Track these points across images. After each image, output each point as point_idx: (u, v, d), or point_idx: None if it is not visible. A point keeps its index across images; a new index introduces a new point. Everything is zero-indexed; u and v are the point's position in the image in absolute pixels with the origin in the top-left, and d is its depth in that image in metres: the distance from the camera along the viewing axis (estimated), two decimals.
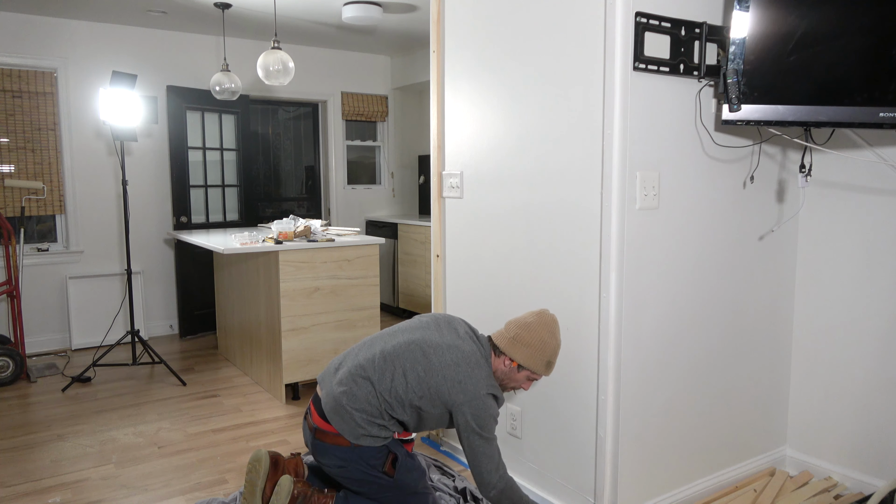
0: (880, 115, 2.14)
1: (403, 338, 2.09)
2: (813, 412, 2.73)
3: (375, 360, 2.06)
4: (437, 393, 1.98)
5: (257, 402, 3.78)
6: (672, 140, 2.26)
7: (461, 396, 1.95)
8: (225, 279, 4.58)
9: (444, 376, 1.98)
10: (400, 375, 2.01)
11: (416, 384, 2.00)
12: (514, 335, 2.07)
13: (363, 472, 2.05)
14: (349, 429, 2.01)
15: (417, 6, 4.59)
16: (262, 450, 2.24)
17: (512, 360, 2.08)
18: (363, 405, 2.02)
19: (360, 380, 2.04)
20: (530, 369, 2.08)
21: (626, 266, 2.18)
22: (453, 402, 1.96)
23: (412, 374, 2.01)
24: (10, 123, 4.75)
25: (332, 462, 2.10)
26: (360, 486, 2.14)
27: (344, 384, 2.04)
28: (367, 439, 2.02)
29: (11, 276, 4.24)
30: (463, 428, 1.97)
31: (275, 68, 4.03)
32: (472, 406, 1.95)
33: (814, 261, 2.69)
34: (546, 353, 2.07)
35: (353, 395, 2.02)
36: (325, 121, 6.33)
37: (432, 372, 2.00)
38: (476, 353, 2.06)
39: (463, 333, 2.13)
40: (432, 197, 3.04)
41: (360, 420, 2.01)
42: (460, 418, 1.97)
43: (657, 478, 2.40)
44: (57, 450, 3.14)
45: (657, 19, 2.12)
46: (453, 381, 1.97)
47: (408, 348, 2.05)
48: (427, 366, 2.01)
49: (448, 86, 2.88)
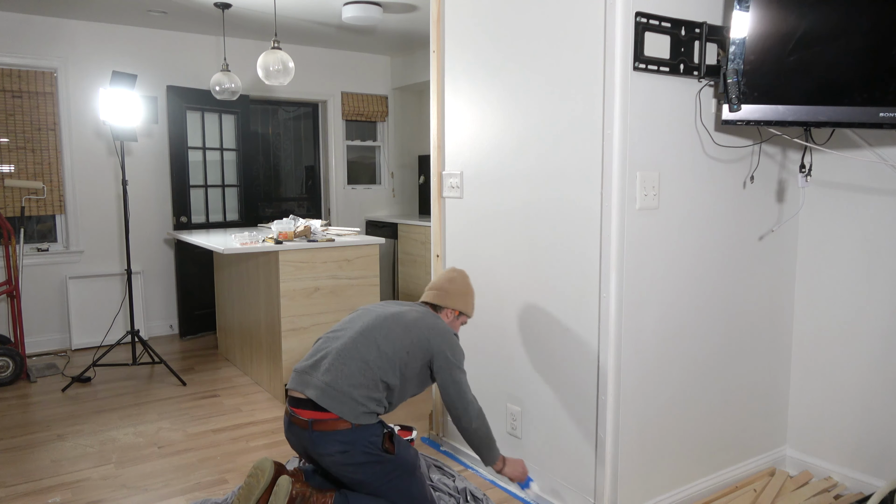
0: (880, 115, 2.14)
1: (368, 318, 2.26)
2: (813, 412, 2.73)
3: (356, 340, 2.19)
4: (419, 343, 2.20)
5: (257, 402, 3.78)
6: (672, 140, 2.26)
7: (439, 338, 2.23)
8: (225, 279, 4.58)
9: (420, 328, 2.24)
10: (384, 340, 2.18)
11: (402, 341, 2.20)
12: (446, 291, 2.40)
13: (366, 452, 2.09)
14: (349, 409, 2.08)
15: (417, 6, 4.59)
16: (268, 459, 2.18)
17: (454, 309, 2.40)
18: (359, 380, 2.12)
19: (348, 360, 2.15)
20: (466, 314, 2.44)
21: (626, 266, 2.18)
22: (434, 346, 2.21)
23: (395, 335, 2.20)
24: (10, 123, 4.75)
25: (335, 449, 2.09)
26: (363, 472, 2.11)
27: (333, 370, 2.13)
28: (366, 416, 2.11)
29: (11, 276, 4.24)
30: (446, 367, 2.21)
31: (275, 68, 4.03)
32: (448, 345, 2.23)
33: (814, 261, 2.69)
34: (472, 297, 2.46)
35: (347, 374, 2.12)
36: (325, 121, 6.33)
37: (409, 328, 2.23)
38: (427, 310, 2.36)
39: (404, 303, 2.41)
40: (432, 197, 3.04)
41: (358, 397, 2.10)
42: (442, 359, 2.21)
43: (657, 478, 2.40)
44: (57, 450, 3.14)
45: (657, 19, 2.12)
46: (429, 328, 2.24)
47: (379, 322, 2.23)
48: (404, 325, 2.23)
49: (448, 86, 2.88)
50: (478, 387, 2.84)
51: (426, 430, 3.25)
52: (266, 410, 3.65)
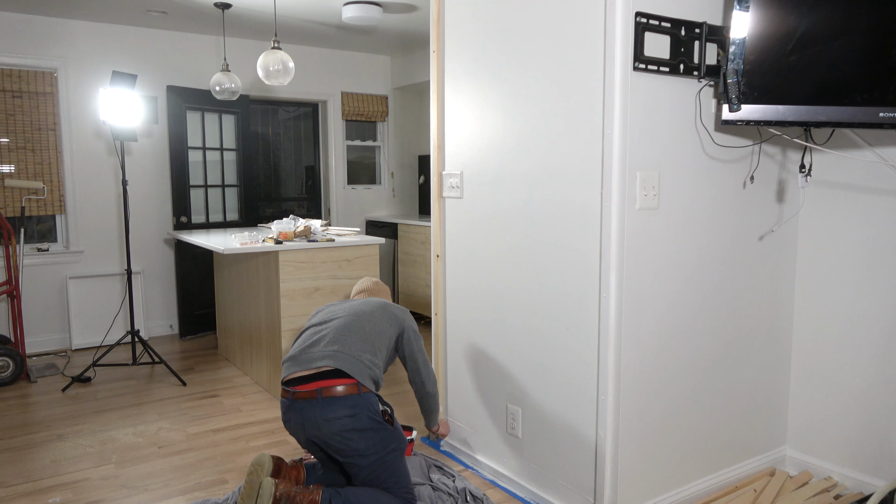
0: (880, 115, 2.14)
1: (345, 306, 2.58)
2: (813, 412, 2.73)
3: (349, 320, 2.47)
4: (394, 319, 2.59)
5: (257, 402, 3.78)
6: (672, 140, 2.26)
7: (404, 316, 2.65)
8: (225, 279, 4.58)
9: (391, 307, 2.64)
10: (369, 317, 2.51)
11: (382, 318, 2.55)
12: (376, 290, 2.91)
13: (371, 418, 2.26)
14: (359, 370, 2.31)
15: (417, 6, 4.59)
16: (266, 454, 2.24)
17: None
18: (361, 346, 2.39)
19: (348, 334, 2.41)
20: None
21: (626, 266, 2.18)
22: (404, 322, 2.62)
23: (376, 315, 2.54)
24: (10, 123, 4.75)
25: (344, 413, 2.22)
26: (366, 439, 2.23)
27: (337, 342, 2.38)
28: (371, 383, 2.32)
29: (11, 276, 4.24)
30: (414, 338, 2.63)
31: (275, 68, 4.03)
32: (409, 320, 2.66)
33: (814, 261, 2.69)
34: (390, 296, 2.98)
35: (351, 343, 2.38)
36: (325, 121, 6.33)
37: (384, 308, 2.60)
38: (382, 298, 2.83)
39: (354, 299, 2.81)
40: (432, 197, 3.04)
41: (365, 360, 2.35)
42: (410, 332, 2.62)
43: (657, 478, 2.40)
44: (57, 450, 3.14)
45: (657, 19, 2.12)
46: (397, 308, 2.66)
47: (358, 306, 2.56)
48: (380, 307, 2.60)
49: (448, 86, 2.88)
50: (478, 387, 2.84)
51: (426, 431, 3.25)
52: (266, 410, 3.65)
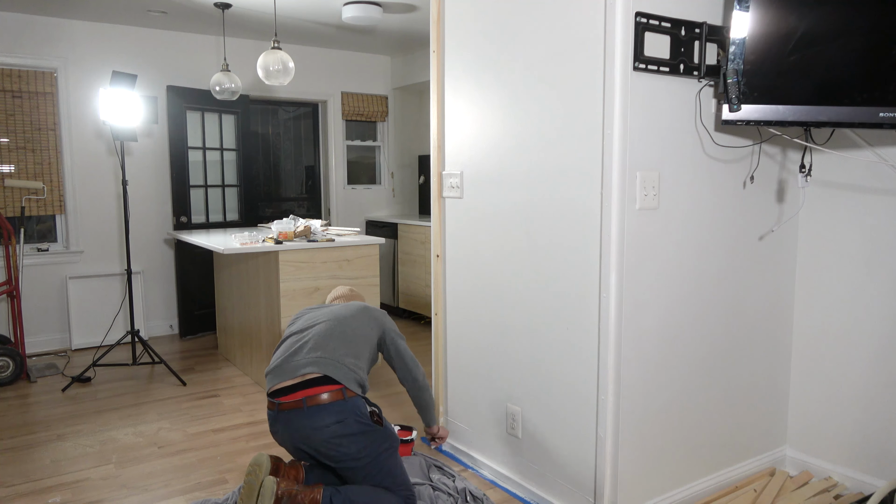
0: (880, 115, 2.14)
1: (325, 311, 2.58)
2: (813, 412, 2.73)
3: (330, 325, 2.44)
4: (375, 320, 2.59)
5: (257, 402, 3.78)
6: (672, 140, 2.26)
7: (384, 318, 2.65)
8: (225, 279, 4.58)
9: (371, 310, 2.64)
10: (351, 320, 2.50)
11: (363, 320, 2.55)
12: (351, 297, 2.90)
13: (359, 422, 2.24)
14: (344, 374, 2.28)
15: (417, 6, 4.59)
16: (264, 454, 2.25)
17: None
18: (344, 350, 2.37)
19: (330, 339, 2.38)
20: None
21: (626, 266, 2.18)
22: (385, 323, 2.62)
23: (358, 318, 2.53)
24: (10, 123, 4.75)
25: (332, 420, 2.19)
26: (357, 443, 2.21)
27: (319, 348, 2.34)
28: (356, 387, 2.30)
29: (11, 276, 4.24)
30: (395, 337, 2.62)
31: (275, 68, 4.03)
32: (390, 321, 2.67)
33: (814, 261, 2.69)
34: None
35: (334, 347, 2.35)
36: (325, 121, 6.33)
37: (365, 310, 2.61)
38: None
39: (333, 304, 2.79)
40: (432, 197, 3.04)
41: (349, 364, 2.32)
42: (392, 332, 2.62)
43: (657, 478, 2.40)
44: (57, 450, 3.14)
45: (657, 19, 2.12)
46: (377, 311, 2.66)
47: (338, 310, 2.56)
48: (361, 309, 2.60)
49: (448, 86, 2.88)
50: (478, 387, 2.84)
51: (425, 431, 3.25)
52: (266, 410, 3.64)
